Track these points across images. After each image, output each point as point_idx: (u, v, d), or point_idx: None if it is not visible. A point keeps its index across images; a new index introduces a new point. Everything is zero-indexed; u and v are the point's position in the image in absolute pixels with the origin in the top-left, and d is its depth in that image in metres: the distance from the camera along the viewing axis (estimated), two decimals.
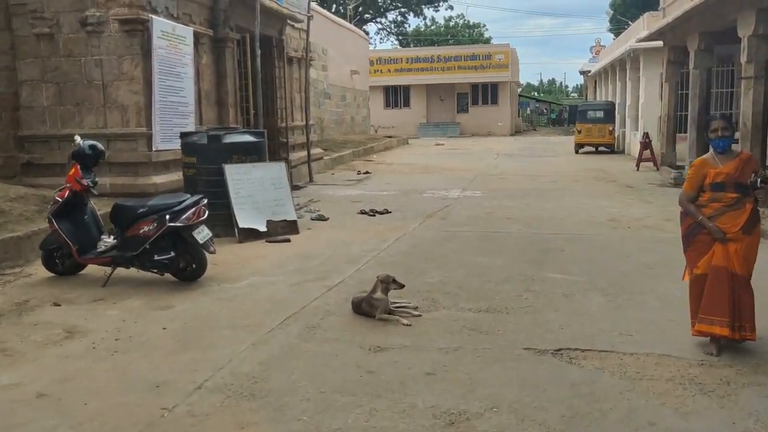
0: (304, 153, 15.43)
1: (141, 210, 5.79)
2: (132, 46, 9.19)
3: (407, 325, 4.79)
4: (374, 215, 10.01)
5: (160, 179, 9.29)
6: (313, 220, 9.59)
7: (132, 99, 9.28)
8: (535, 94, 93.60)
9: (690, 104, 14.68)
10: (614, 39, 36.45)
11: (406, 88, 43.37)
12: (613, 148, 23.17)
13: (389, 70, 43.01)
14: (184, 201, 5.83)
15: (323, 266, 6.64)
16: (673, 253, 7.13)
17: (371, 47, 57.48)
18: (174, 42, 9.74)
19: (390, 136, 30.22)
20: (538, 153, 23.73)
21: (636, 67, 20.77)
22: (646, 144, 17.12)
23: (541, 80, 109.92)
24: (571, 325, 4.82)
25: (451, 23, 72.20)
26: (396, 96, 43.96)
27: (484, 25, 77.43)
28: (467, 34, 69.99)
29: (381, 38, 71.02)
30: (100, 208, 6.99)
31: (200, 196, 6.08)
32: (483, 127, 42.03)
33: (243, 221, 7.82)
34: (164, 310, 5.21)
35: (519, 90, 57.60)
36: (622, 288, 5.79)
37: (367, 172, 16.70)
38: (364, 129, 31.58)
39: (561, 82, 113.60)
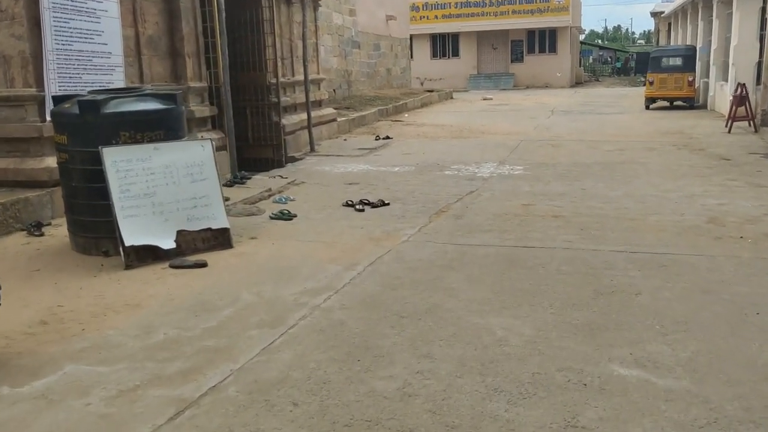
0: (306, 115, 12.57)
1: None
2: None
3: None
4: (363, 209, 7.13)
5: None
6: (272, 218, 6.80)
7: (15, 47, 6.57)
8: (599, 42, 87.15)
9: None
10: None
11: (455, 36, 39.61)
12: (692, 103, 19.33)
13: (436, 17, 39.25)
14: None
15: (219, 332, 3.86)
16: None
17: None
18: None
19: (430, 90, 26.93)
20: (601, 109, 20.09)
21: (727, 0, 16.78)
22: (741, 98, 13.47)
23: (606, 27, 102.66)
24: None
25: None
26: (444, 45, 40.29)
27: None
28: None
29: None
30: None
31: None
32: (539, 78, 38.05)
33: (132, 236, 5.08)
34: None
35: (581, 37, 52.60)
36: None
37: (387, 137, 13.73)
38: (404, 82, 28.34)
39: (627, 29, 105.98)
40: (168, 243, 5.24)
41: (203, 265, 5.13)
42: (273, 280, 4.79)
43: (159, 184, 5.29)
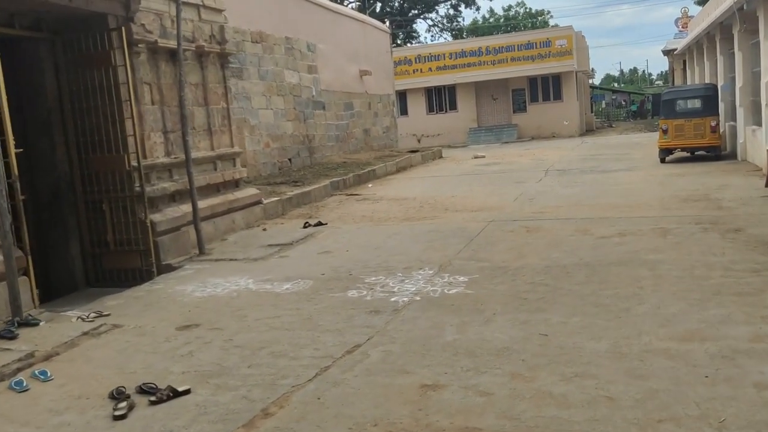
0: (205, 204, 9.52)
1: None
2: None
3: None
4: (124, 414, 3.90)
5: None
6: None
7: None
8: (615, 85, 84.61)
9: None
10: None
11: (452, 88, 36.89)
12: (718, 152, 15.96)
13: (430, 69, 36.72)
14: None
15: None
16: None
17: (418, 43, 51.26)
18: None
19: (414, 151, 23.96)
20: (606, 165, 16.81)
21: (751, 28, 13.65)
22: None
23: (621, 70, 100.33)
24: None
25: (511, 13, 65.21)
26: (440, 98, 37.59)
27: (548, 12, 69.91)
28: (529, 24, 62.75)
29: (433, 36, 64.64)
30: None
31: None
32: (545, 127, 34.98)
33: None
34: None
35: (590, 80, 49.83)
36: None
37: (319, 224, 10.60)
38: (388, 142, 25.51)
39: (644, 71, 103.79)
40: None
41: None
42: None
43: None
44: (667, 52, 34.68)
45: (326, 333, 5.16)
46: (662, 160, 16.14)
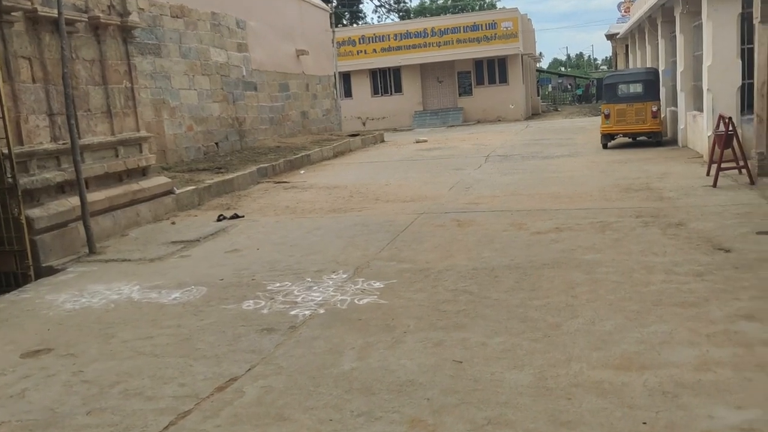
0: (101, 196, 8.43)
1: None
2: None
3: None
4: None
5: None
6: None
7: None
8: (562, 69, 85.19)
9: None
10: None
11: (396, 70, 36.04)
12: (659, 138, 15.62)
13: (375, 50, 35.75)
14: None
15: None
16: None
17: (365, 24, 50.02)
18: None
19: (354, 134, 23.03)
20: (549, 150, 16.28)
21: (693, 10, 13.20)
22: (727, 137, 9.69)
23: (568, 55, 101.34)
24: None
25: None
26: (385, 80, 36.69)
27: None
28: (477, 6, 62.18)
29: (380, 16, 63.28)
30: None
31: None
32: (491, 111, 34.57)
33: None
34: None
35: (537, 64, 49.71)
36: None
37: (235, 216, 9.63)
38: (329, 125, 24.51)
39: (589, 56, 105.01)
40: None
41: None
42: None
43: None
44: (610, 37, 34.60)
45: (201, 360, 4.28)
46: (604, 146, 15.70)
